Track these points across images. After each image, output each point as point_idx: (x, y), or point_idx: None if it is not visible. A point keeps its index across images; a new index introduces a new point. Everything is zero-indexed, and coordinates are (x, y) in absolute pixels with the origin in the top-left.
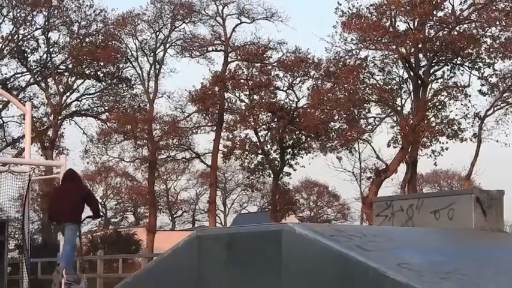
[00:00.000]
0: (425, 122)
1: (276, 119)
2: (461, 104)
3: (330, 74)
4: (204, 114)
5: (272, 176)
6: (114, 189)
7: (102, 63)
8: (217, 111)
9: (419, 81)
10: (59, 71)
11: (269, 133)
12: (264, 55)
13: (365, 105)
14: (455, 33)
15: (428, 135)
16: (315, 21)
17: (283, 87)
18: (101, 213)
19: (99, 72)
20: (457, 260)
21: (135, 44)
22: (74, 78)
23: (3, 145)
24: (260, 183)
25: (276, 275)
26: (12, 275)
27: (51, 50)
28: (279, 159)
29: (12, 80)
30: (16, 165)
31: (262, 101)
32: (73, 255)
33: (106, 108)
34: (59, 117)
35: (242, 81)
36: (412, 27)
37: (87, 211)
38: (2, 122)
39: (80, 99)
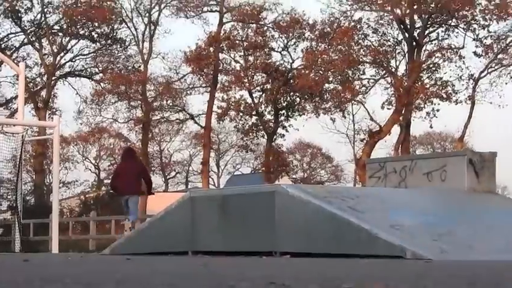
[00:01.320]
0: (420, 83)
1: (270, 80)
2: (456, 66)
3: (324, 36)
4: (199, 75)
5: (266, 137)
6: (108, 150)
7: (96, 24)
8: (211, 72)
9: (414, 43)
10: (53, 31)
11: (263, 94)
12: (259, 16)
13: (359, 66)
14: None
15: (423, 97)
16: None
17: (278, 48)
18: (152, 192)
19: (93, 33)
20: (450, 222)
21: (130, 4)
22: (68, 39)
23: None
24: (254, 145)
25: (269, 236)
26: (5, 236)
27: (46, 10)
28: (273, 120)
29: (5, 40)
30: (9, 126)
31: (257, 62)
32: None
33: (100, 69)
34: (53, 78)
35: (237, 42)
36: None
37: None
38: None
39: (73, 59)
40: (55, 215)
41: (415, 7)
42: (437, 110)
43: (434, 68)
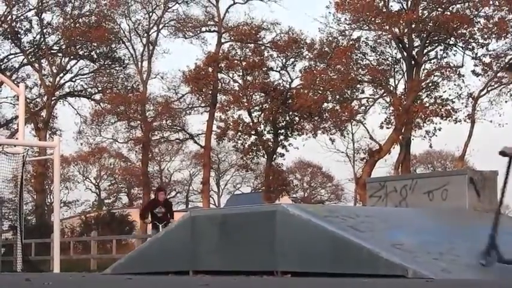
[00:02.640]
0: (419, 102)
1: (269, 100)
2: (455, 85)
3: (323, 55)
4: (198, 95)
5: (266, 156)
6: (108, 170)
7: (95, 44)
8: (210, 92)
9: (413, 62)
10: (52, 51)
11: (262, 114)
12: (258, 36)
13: (358, 85)
14: (449, 13)
15: (422, 116)
16: (309, 2)
17: (277, 67)
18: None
19: (92, 53)
20: (451, 241)
21: (128, 24)
22: (67, 59)
23: None
24: (254, 164)
25: (269, 255)
26: (6, 256)
27: (45, 30)
28: (272, 140)
29: (5, 60)
30: (10, 147)
31: (256, 82)
32: None
33: (99, 89)
34: (53, 98)
35: (235, 61)
36: (405, 7)
37: None
38: None
39: (73, 79)
40: (56, 234)
41: (413, 26)
42: (439, 129)
43: (433, 87)
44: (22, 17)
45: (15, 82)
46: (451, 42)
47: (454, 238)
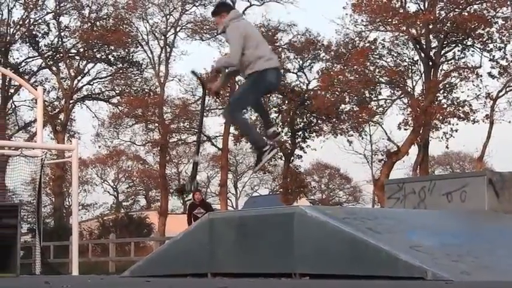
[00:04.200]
0: (436, 103)
1: (286, 102)
2: (473, 85)
3: (340, 56)
4: (215, 97)
5: (283, 158)
6: (126, 172)
7: (112, 47)
8: (227, 94)
9: (430, 63)
10: (70, 55)
11: (280, 115)
12: (274, 37)
13: (375, 87)
14: (466, 13)
15: (440, 117)
16: (326, 3)
17: (294, 69)
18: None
19: (110, 56)
20: (470, 242)
21: (146, 27)
22: (85, 62)
23: (15, 129)
24: (271, 166)
25: (287, 257)
26: (25, 259)
27: (62, 34)
28: (290, 141)
29: (23, 64)
30: (28, 149)
31: None
32: None
33: (117, 92)
34: (71, 101)
35: None
36: (422, 8)
37: None
38: (14, 106)
39: (91, 83)
40: (75, 237)
41: (430, 27)
42: (456, 131)
43: (450, 88)
44: (40, 21)
45: (34, 85)
46: (468, 43)
47: (473, 240)
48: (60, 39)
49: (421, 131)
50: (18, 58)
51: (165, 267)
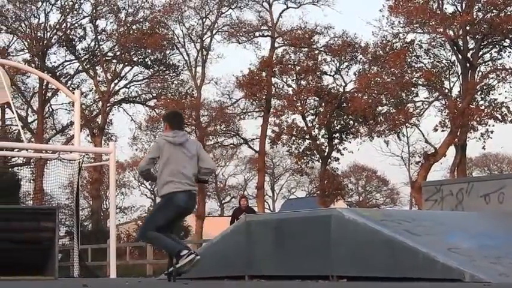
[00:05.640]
0: (474, 105)
1: (323, 104)
2: (510, 87)
3: (377, 58)
4: (252, 100)
5: (320, 161)
6: None
7: (149, 50)
8: (264, 97)
9: (468, 64)
10: (106, 58)
11: (316, 118)
12: (311, 40)
13: (412, 88)
14: (503, 15)
15: (477, 119)
16: (362, 5)
17: (331, 71)
18: None
19: (146, 59)
20: (508, 244)
21: (182, 30)
22: (121, 66)
23: (52, 133)
24: (308, 168)
25: (325, 260)
26: (63, 262)
27: (99, 37)
28: (326, 144)
29: (60, 68)
30: (66, 153)
31: (310, 86)
32: None
33: (154, 95)
34: (107, 105)
35: (289, 66)
36: (459, 9)
37: None
38: (51, 109)
39: (127, 86)
40: (112, 240)
41: (467, 28)
42: (491, 132)
43: (488, 89)
44: (76, 25)
45: (71, 89)
46: (505, 44)
47: (511, 242)
48: (96, 43)
49: (458, 133)
50: (55, 62)
51: (203, 269)
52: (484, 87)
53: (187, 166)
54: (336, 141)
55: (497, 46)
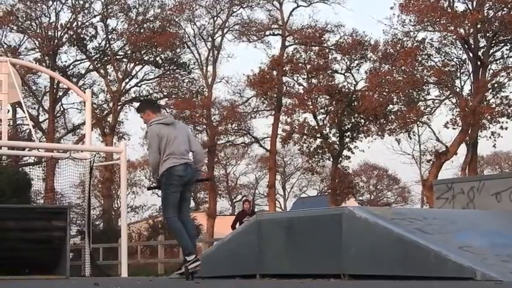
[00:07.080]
0: (485, 103)
1: (334, 102)
2: None
3: (387, 57)
4: (262, 99)
5: (331, 159)
6: None
7: (160, 49)
8: (275, 96)
9: (479, 62)
10: (117, 57)
11: (327, 116)
12: (322, 38)
13: (423, 87)
14: None
15: (488, 117)
16: (373, 3)
17: (341, 70)
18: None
19: (157, 58)
20: None
21: (193, 29)
22: (132, 65)
23: (64, 132)
24: (319, 167)
25: (336, 258)
26: (75, 261)
27: (110, 36)
28: (337, 142)
29: (71, 67)
30: (77, 152)
31: (320, 85)
32: None
33: (165, 94)
34: (119, 104)
35: (300, 64)
36: (470, 7)
37: None
38: (62, 109)
39: (138, 85)
40: (124, 239)
41: (478, 26)
42: (506, 128)
43: (499, 87)
44: (87, 24)
45: (82, 88)
46: None
47: None
48: (107, 42)
49: (469, 131)
50: (66, 61)
51: (214, 268)
52: (496, 85)
53: (181, 143)
54: (347, 139)
55: (508, 44)
